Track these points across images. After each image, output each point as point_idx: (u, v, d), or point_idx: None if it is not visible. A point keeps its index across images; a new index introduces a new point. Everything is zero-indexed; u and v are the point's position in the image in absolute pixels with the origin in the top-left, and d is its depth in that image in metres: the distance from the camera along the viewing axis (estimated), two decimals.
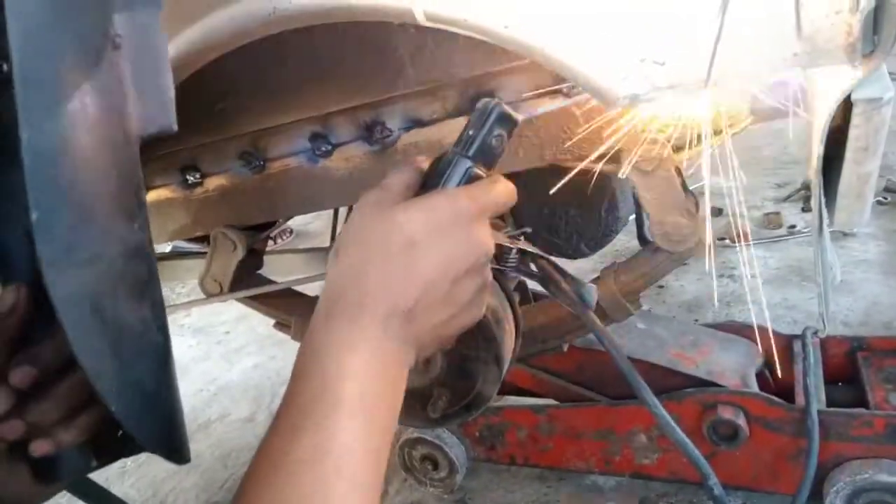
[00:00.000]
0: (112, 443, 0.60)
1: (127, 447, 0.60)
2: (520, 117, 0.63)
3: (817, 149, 0.72)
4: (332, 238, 1.77)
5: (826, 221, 0.81)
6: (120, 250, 0.52)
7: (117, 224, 0.52)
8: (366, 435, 0.48)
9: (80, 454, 0.59)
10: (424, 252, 0.53)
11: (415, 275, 0.52)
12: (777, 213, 2.81)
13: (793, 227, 2.71)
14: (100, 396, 0.50)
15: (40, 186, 0.45)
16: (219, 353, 2.58)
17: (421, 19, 0.74)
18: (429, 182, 0.59)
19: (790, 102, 0.77)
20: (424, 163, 0.61)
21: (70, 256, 0.47)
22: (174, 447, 0.58)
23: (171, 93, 0.58)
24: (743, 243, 2.00)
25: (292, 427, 0.48)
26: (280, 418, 0.49)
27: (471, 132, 0.60)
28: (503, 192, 0.59)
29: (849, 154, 0.72)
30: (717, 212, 3.01)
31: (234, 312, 2.86)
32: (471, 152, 0.59)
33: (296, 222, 3.65)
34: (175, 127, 0.58)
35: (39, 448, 0.55)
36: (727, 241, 2.66)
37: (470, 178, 0.59)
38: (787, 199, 3.08)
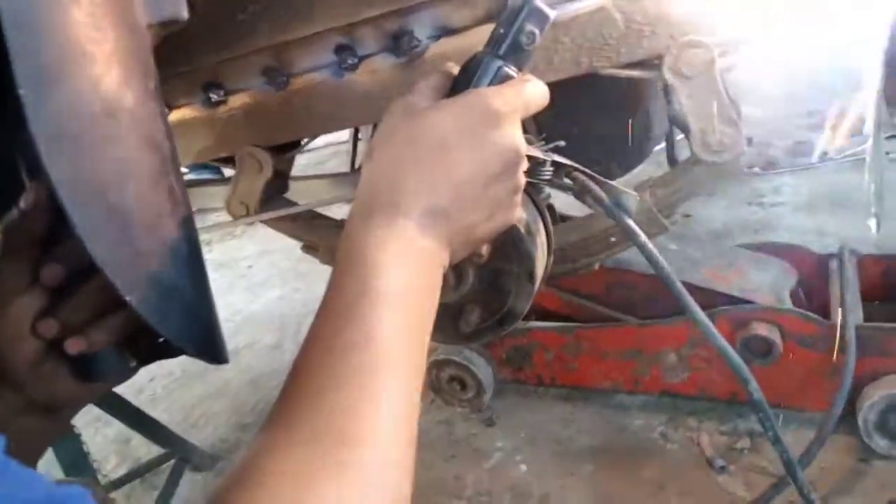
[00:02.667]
0: (150, 344, 0.61)
1: (165, 348, 0.59)
2: (552, 13, 0.60)
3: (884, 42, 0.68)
4: (353, 164, 1.74)
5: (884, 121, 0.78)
6: (126, 136, 0.49)
7: (122, 109, 0.48)
8: (405, 325, 0.50)
9: (118, 355, 0.59)
10: (456, 153, 0.53)
11: (447, 175, 0.53)
12: (808, 141, 2.74)
13: (824, 154, 2.64)
14: (114, 287, 0.47)
15: (24, 58, 0.41)
16: (242, 287, 2.61)
17: None
18: (459, 84, 0.58)
19: None
20: (454, 67, 0.60)
21: (65, 136, 0.44)
22: (207, 345, 0.56)
23: None
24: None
25: (338, 317, 0.49)
26: (324, 311, 0.50)
27: (501, 30, 0.58)
28: (535, 91, 0.58)
29: None
30: (747, 140, 2.95)
31: (255, 247, 2.88)
32: (501, 51, 0.58)
33: (312, 158, 3.62)
34: (185, 14, 0.56)
35: (73, 345, 0.55)
36: (756, 169, 2.61)
37: (501, 78, 0.57)
38: (818, 126, 3.00)
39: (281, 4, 1.04)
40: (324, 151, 3.75)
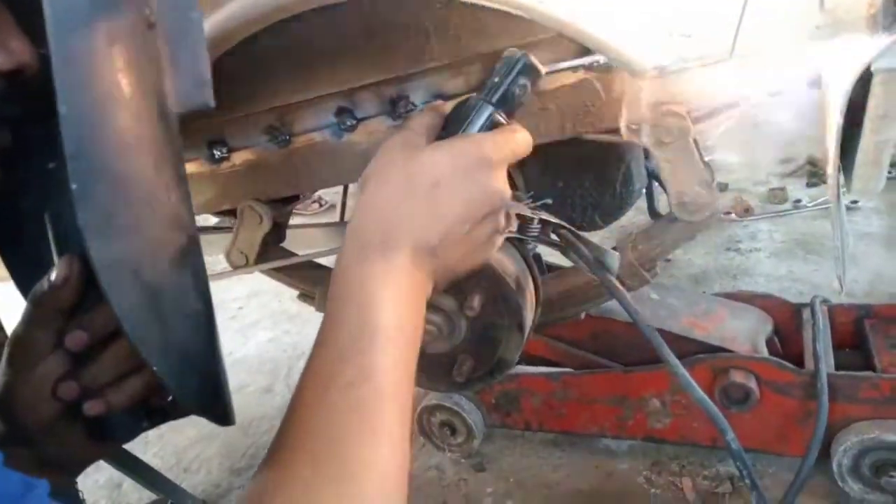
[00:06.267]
0: (161, 405, 0.64)
1: (175, 410, 0.64)
2: (544, 70, 0.65)
3: (836, 119, 0.75)
4: (342, 214, 1.81)
5: (842, 190, 0.85)
6: (159, 220, 0.54)
7: (157, 196, 0.54)
8: (400, 358, 0.53)
9: (131, 416, 0.62)
10: (448, 194, 0.56)
11: (439, 214, 0.56)
12: (782, 189, 2.84)
13: (798, 201, 2.74)
14: (143, 358, 0.52)
15: (78, 158, 0.47)
16: (233, 328, 2.63)
17: None
18: (451, 125, 0.62)
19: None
20: (445, 106, 0.64)
21: (110, 224, 0.50)
22: (218, 409, 0.60)
23: (208, 71, 0.59)
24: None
25: (337, 354, 0.52)
26: (323, 346, 0.53)
27: (496, 79, 0.62)
28: (522, 141, 0.62)
29: (867, 123, 0.75)
30: (723, 186, 3.05)
31: (246, 289, 2.90)
32: (494, 99, 0.61)
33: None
34: (213, 104, 0.60)
35: (92, 407, 0.58)
36: (733, 216, 2.70)
37: (492, 125, 0.61)
38: (791, 174, 3.11)
39: (286, 70, 1.10)
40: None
